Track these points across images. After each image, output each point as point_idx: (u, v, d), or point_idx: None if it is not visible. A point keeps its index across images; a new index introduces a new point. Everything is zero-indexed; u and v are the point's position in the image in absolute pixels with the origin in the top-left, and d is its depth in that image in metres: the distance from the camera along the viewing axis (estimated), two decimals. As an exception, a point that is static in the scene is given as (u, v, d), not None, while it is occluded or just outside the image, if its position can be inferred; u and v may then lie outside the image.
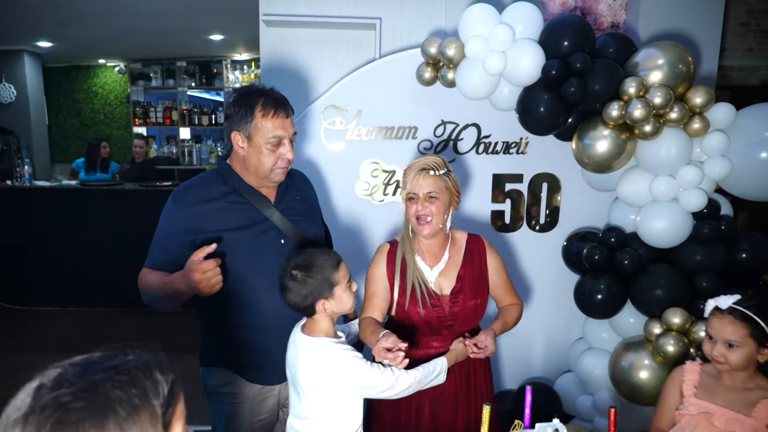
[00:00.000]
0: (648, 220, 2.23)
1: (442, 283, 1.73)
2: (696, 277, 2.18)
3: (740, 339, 1.47)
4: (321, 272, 1.44)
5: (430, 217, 1.64)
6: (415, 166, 1.67)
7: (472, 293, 1.73)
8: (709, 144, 2.14)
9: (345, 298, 1.49)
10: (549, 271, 2.79)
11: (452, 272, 1.74)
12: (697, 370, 1.62)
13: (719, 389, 1.55)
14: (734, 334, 1.48)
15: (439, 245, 1.75)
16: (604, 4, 2.99)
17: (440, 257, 1.75)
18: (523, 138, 2.70)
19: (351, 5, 2.91)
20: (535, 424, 1.10)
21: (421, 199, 1.64)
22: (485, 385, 1.80)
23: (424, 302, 1.68)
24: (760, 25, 4.33)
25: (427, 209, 1.64)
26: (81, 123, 7.36)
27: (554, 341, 2.86)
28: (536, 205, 2.78)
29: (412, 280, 1.69)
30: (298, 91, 2.95)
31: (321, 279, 1.44)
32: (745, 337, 1.47)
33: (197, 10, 4.66)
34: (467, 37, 2.24)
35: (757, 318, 1.46)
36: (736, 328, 1.48)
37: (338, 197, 2.71)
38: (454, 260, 1.75)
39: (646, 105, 2.04)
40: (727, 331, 1.49)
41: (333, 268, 1.47)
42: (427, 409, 1.71)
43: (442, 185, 1.66)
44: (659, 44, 2.18)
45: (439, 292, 1.72)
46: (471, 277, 1.73)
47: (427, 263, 1.74)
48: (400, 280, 1.71)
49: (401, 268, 1.72)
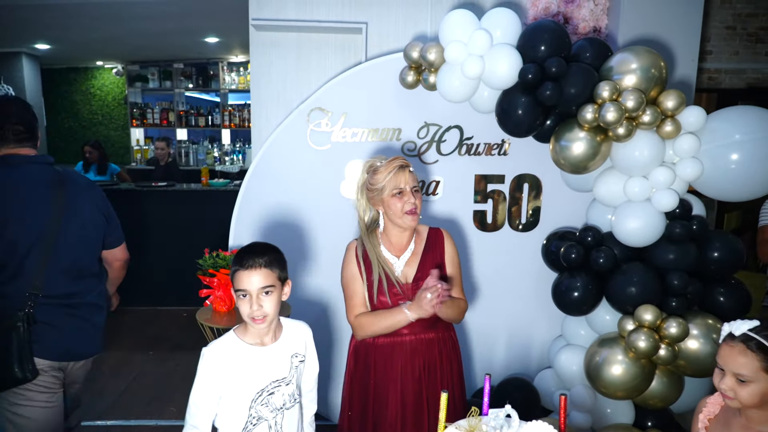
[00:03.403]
0: (622, 220, 2.30)
1: (407, 272, 1.85)
2: (668, 275, 2.24)
3: (752, 373, 1.26)
4: None
5: (418, 209, 1.79)
6: (393, 164, 1.78)
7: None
8: (680, 146, 2.20)
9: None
10: (531, 270, 2.85)
11: (415, 261, 1.86)
12: (719, 402, 1.44)
13: (734, 427, 1.37)
14: (745, 367, 1.27)
15: (408, 237, 1.87)
16: (586, 9, 3.06)
17: (406, 248, 1.87)
18: (505, 140, 2.77)
19: (339, 10, 2.98)
20: (489, 411, 1.16)
21: (409, 192, 1.77)
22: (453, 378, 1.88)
23: (390, 291, 1.79)
24: (746, 28, 4.41)
25: (415, 202, 1.78)
26: (79, 124, 7.45)
27: (535, 338, 2.93)
28: (518, 205, 2.85)
29: (377, 273, 1.81)
30: (286, 93, 3.02)
31: None
32: (758, 371, 1.26)
33: (192, 13, 4.74)
34: (447, 42, 2.31)
35: None
36: (747, 360, 1.27)
37: (324, 198, 2.78)
38: (417, 250, 1.87)
39: (619, 108, 2.10)
40: (737, 363, 1.28)
41: None
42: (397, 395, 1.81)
43: (417, 180, 1.82)
44: (633, 49, 2.25)
45: (404, 281, 1.83)
46: (432, 265, 1.83)
47: (393, 254, 1.86)
48: (367, 275, 1.83)
49: (366, 264, 1.84)
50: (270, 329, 1.54)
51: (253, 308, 1.46)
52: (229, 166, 6.79)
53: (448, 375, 1.84)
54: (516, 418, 1.15)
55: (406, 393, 1.80)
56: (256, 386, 1.50)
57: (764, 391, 1.26)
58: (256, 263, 1.46)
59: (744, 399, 1.28)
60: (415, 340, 1.80)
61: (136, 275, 2.35)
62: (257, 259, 1.47)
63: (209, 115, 7.12)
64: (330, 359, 2.87)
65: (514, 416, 1.14)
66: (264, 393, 1.50)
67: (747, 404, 1.29)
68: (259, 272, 1.46)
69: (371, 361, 1.83)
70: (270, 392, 1.51)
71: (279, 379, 1.53)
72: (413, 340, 1.80)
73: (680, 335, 2.17)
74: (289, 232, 2.81)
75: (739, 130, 2.15)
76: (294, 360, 1.57)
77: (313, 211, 2.80)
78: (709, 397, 1.47)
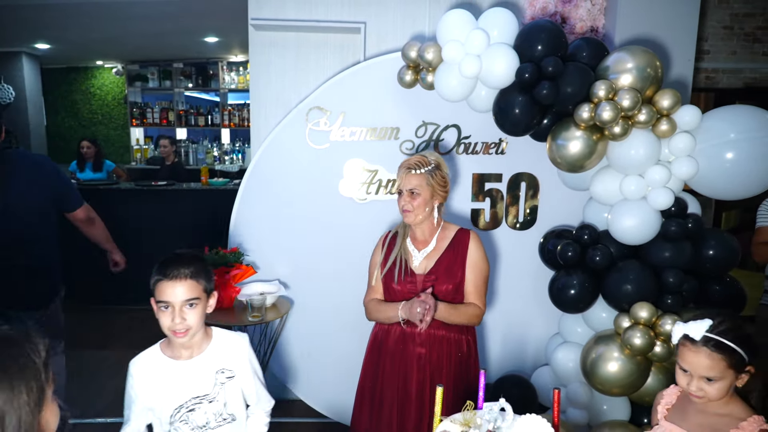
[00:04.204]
0: (618, 218, 2.32)
1: (425, 265, 1.95)
2: (664, 273, 2.26)
3: (720, 373, 1.30)
4: None
5: (411, 209, 1.90)
6: (403, 165, 1.94)
7: (447, 277, 1.91)
8: (676, 145, 2.22)
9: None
10: (528, 268, 2.87)
11: (435, 256, 1.95)
12: (675, 393, 1.50)
13: (690, 413, 1.42)
14: (713, 370, 1.30)
15: (428, 233, 1.98)
16: (583, 8, 3.08)
17: (428, 243, 1.98)
18: (502, 139, 2.79)
19: (337, 10, 3.00)
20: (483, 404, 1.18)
21: (405, 194, 1.91)
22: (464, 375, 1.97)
23: (399, 277, 1.92)
24: (743, 28, 4.43)
25: (409, 204, 1.90)
26: (79, 124, 7.47)
27: (533, 336, 2.95)
28: (515, 204, 2.86)
29: (395, 254, 1.96)
30: (285, 92, 3.04)
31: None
32: (724, 369, 1.30)
33: (191, 13, 4.76)
34: (444, 42, 2.33)
35: (735, 346, 1.29)
36: (713, 363, 1.30)
37: (322, 196, 2.80)
38: (440, 247, 1.97)
39: (615, 107, 2.12)
40: (703, 366, 1.31)
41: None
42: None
43: (423, 181, 1.90)
44: (629, 48, 2.26)
45: (419, 272, 1.94)
46: (449, 263, 1.93)
47: (416, 246, 1.99)
48: (384, 254, 1.99)
49: (389, 246, 2.00)
50: (192, 343, 1.46)
51: (174, 321, 1.38)
52: (229, 166, 6.81)
53: (457, 375, 1.91)
54: (510, 411, 1.16)
55: (408, 381, 1.90)
56: (174, 402, 1.43)
57: (729, 384, 1.31)
58: (180, 274, 1.38)
59: (713, 395, 1.32)
60: (426, 334, 1.89)
61: (135, 274, 2.38)
62: (182, 269, 1.39)
63: (209, 114, 7.14)
64: (330, 357, 2.89)
65: (508, 409, 1.16)
66: (183, 409, 1.43)
67: (715, 399, 1.33)
68: (183, 283, 1.38)
69: (385, 346, 1.96)
70: (189, 409, 1.44)
71: (201, 395, 1.45)
72: (425, 334, 1.89)
73: (675, 332, 2.19)
74: (288, 230, 2.83)
75: (734, 129, 2.17)
76: (219, 376, 1.47)
77: (311, 209, 2.82)
78: (665, 390, 1.52)
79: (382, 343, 1.97)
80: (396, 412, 1.91)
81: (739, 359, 1.29)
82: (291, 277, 2.84)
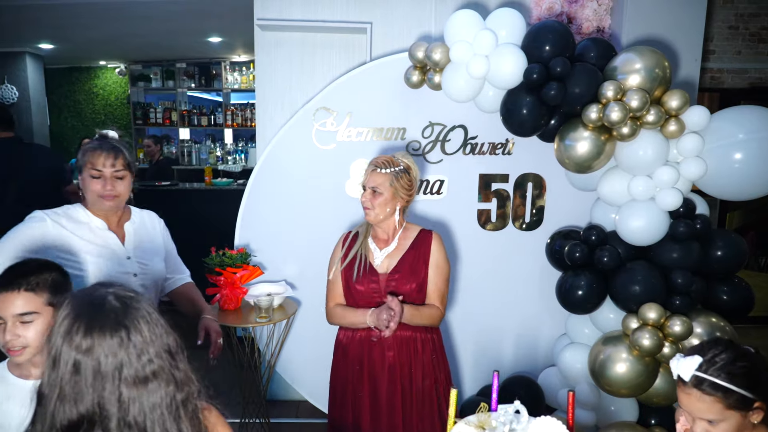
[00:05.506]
0: (626, 219, 2.31)
1: (387, 264, 1.94)
2: (672, 273, 2.26)
3: (718, 415, 1.17)
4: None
5: (370, 206, 1.90)
6: (372, 163, 1.93)
7: (409, 276, 1.91)
8: (684, 145, 2.22)
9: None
10: (535, 269, 2.87)
11: (397, 256, 1.94)
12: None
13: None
14: (709, 412, 1.17)
15: (390, 232, 1.97)
16: (589, 8, 3.07)
17: (390, 243, 1.97)
18: (509, 139, 2.78)
19: (343, 10, 3.00)
20: (498, 406, 1.18)
21: (368, 191, 1.91)
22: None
23: (359, 275, 1.91)
24: (748, 28, 4.42)
25: (369, 201, 1.90)
26: (82, 124, 7.47)
27: (539, 337, 2.94)
28: (522, 205, 2.86)
29: (355, 251, 1.95)
30: (291, 93, 3.04)
31: None
32: (723, 411, 1.16)
33: (195, 13, 4.74)
34: (452, 42, 2.33)
35: (729, 385, 1.15)
36: (708, 405, 1.17)
37: (329, 197, 2.79)
38: (402, 246, 1.95)
39: (623, 108, 2.12)
40: (698, 410, 1.19)
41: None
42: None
43: (387, 181, 1.88)
44: (637, 49, 2.26)
45: (382, 272, 1.93)
46: (411, 263, 1.92)
47: (377, 245, 1.97)
48: (345, 252, 1.97)
49: (350, 244, 1.98)
50: (37, 361, 1.27)
51: (6, 338, 1.21)
52: (232, 166, 6.80)
53: (430, 373, 1.92)
54: (525, 413, 1.16)
55: (379, 384, 1.90)
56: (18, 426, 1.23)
57: (738, 424, 1.17)
58: (14, 284, 1.22)
59: None
60: (392, 337, 1.87)
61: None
62: (19, 279, 1.23)
63: (212, 114, 7.13)
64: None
65: (523, 412, 1.16)
66: None
67: None
68: (17, 296, 1.22)
69: (350, 352, 1.95)
70: None
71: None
72: (391, 337, 1.86)
73: (684, 333, 2.19)
74: (294, 231, 2.83)
75: (742, 130, 2.16)
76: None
77: (318, 209, 2.82)
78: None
79: (347, 348, 1.96)
80: (369, 416, 1.90)
81: (740, 398, 1.15)
82: (298, 278, 2.83)
